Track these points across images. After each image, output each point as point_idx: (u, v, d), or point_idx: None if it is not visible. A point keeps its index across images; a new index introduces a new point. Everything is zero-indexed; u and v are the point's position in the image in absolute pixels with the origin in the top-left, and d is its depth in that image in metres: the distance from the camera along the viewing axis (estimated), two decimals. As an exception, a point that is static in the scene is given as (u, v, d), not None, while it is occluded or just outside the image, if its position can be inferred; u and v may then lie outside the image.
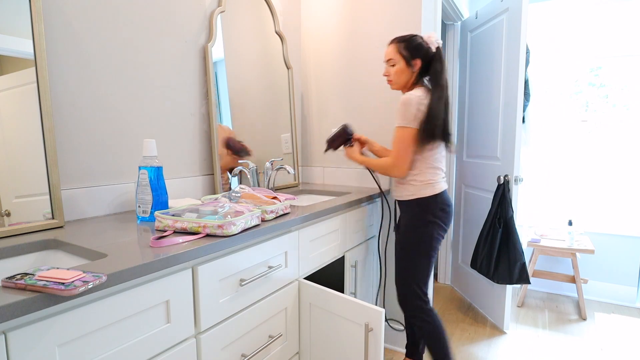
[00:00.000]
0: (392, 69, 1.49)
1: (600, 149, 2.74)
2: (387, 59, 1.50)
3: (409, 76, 1.48)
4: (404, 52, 1.46)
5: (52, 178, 1.03)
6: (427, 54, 1.45)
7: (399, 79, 1.49)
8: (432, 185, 1.47)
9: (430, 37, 1.46)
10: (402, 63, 1.46)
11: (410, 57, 1.45)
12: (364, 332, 1.10)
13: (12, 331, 0.58)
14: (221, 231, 0.93)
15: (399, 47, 1.46)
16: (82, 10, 1.14)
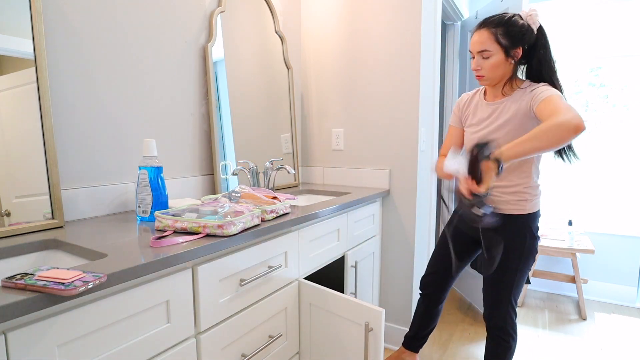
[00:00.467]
0: (485, 62, 1.21)
1: (600, 149, 2.74)
2: (480, 49, 1.21)
3: (507, 69, 1.22)
4: (504, 40, 1.18)
5: (52, 178, 1.03)
6: (530, 39, 1.19)
7: (494, 73, 1.22)
8: (539, 196, 1.31)
9: (532, 15, 1.19)
10: (501, 54, 1.19)
11: (511, 45, 1.18)
12: (363, 332, 1.10)
13: (12, 331, 0.58)
14: (221, 231, 0.93)
15: (496, 33, 1.18)
16: (82, 10, 1.14)
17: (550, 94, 1.11)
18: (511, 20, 1.19)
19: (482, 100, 1.34)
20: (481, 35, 1.21)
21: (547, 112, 1.07)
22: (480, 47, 1.21)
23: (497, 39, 1.19)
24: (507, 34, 1.18)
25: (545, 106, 1.10)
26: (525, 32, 1.18)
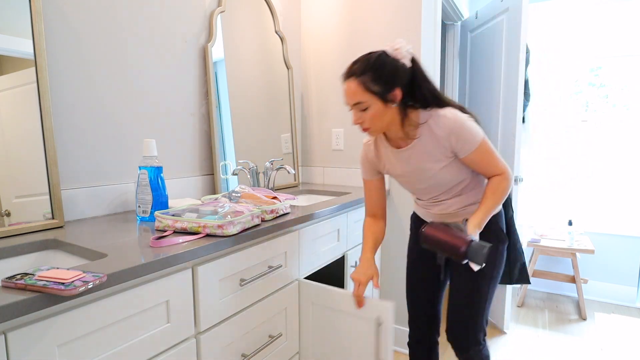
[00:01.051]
0: (365, 114, 1.04)
1: (600, 148, 2.74)
2: (354, 102, 1.03)
3: (393, 114, 1.06)
4: (375, 86, 1.01)
5: (52, 178, 1.03)
6: (405, 76, 1.03)
7: (378, 123, 1.06)
8: None
9: (397, 47, 1.04)
10: (378, 103, 1.02)
11: (385, 90, 1.01)
12: (374, 327, 1.09)
13: (12, 331, 0.58)
14: (221, 231, 0.93)
15: (365, 82, 1.01)
16: (82, 10, 1.14)
17: (477, 143, 1.05)
18: (378, 62, 1.02)
19: (390, 149, 1.17)
20: (350, 86, 1.03)
21: (483, 166, 1.09)
22: (353, 100, 1.04)
23: (367, 87, 1.01)
24: (377, 79, 1.01)
25: (478, 158, 1.07)
26: (397, 71, 1.03)
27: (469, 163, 1.10)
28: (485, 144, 1.07)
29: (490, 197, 1.09)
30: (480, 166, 1.09)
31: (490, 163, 1.09)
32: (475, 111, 2.52)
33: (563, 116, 2.82)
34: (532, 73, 2.80)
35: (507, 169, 1.10)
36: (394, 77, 1.03)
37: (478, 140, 1.05)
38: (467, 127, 1.04)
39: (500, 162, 1.09)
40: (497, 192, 1.10)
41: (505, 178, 1.10)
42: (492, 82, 2.27)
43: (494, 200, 1.09)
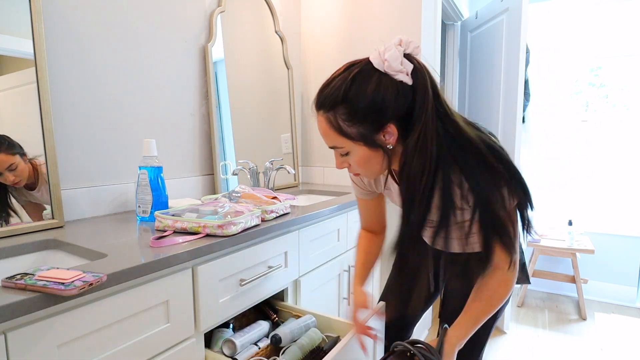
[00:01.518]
0: (348, 159, 0.77)
1: (600, 148, 2.73)
2: (330, 145, 0.77)
3: (384, 161, 0.75)
4: (352, 128, 0.71)
5: (52, 178, 1.03)
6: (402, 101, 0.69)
7: (370, 168, 0.77)
8: None
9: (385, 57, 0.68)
10: (361, 149, 0.73)
11: (369, 132, 0.70)
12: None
13: (12, 331, 0.58)
14: (221, 231, 0.93)
15: (335, 120, 0.72)
16: (82, 10, 1.14)
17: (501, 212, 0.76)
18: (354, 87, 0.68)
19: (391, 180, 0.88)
20: (321, 124, 0.75)
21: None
22: (328, 142, 0.77)
23: (339, 130, 0.71)
24: (353, 116, 0.69)
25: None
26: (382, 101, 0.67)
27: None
28: (512, 216, 0.78)
29: (485, 303, 0.80)
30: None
31: (499, 260, 0.78)
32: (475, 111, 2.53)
33: (563, 116, 2.82)
34: (532, 73, 2.80)
35: (516, 264, 0.79)
36: (380, 110, 0.68)
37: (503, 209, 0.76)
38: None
39: (514, 245, 0.78)
40: (495, 297, 0.80)
41: (512, 277, 0.79)
42: (492, 82, 2.27)
43: (487, 308, 0.80)
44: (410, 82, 0.68)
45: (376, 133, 0.70)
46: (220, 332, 1.02)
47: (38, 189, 1.02)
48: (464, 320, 0.82)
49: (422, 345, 0.80)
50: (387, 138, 0.71)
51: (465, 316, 0.82)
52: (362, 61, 0.71)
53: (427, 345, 0.80)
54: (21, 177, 0.99)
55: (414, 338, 0.83)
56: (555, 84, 2.81)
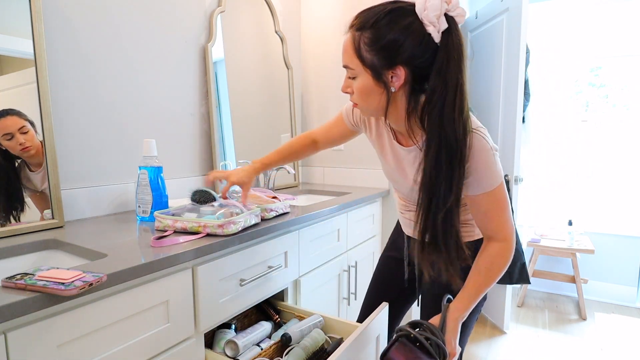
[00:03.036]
0: (353, 83, 0.79)
1: (600, 148, 2.74)
2: (343, 62, 0.79)
3: (387, 99, 0.75)
4: (369, 54, 0.73)
5: (52, 178, 1.03)
6: (421, 52, 0.70)
7: (366, 102, 0.79)
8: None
9: (428, 5, 0.68)
10: (367, 77, 0.75)
11: (381, 63, 0.72)
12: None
13: (12, 331, 0.58)
14: (221, 230, 0.93)
15: (359, 41, 0.74)
16: (82, 10, 1.14)
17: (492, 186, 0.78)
18: (388, 19, 0.70)
19: (389, 134, 0.91)
20: (346, 41, 0.77)
21: (487, 218, 0.82)
22: (343, 59, 0.78)
23: (358, 50, 0.74)
24: (374, 43, 0.71)
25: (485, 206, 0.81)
26: (405, 42, 0.69)
27: (470, 205, 0.84)
28: (501, 191, 0.80)
29: (484, 275, 0.82)
30: (483, 217, 0.83)
31: (497, 218, 0.81)
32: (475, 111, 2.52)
33: (563, 116, 2.82)
34: (532, 73, 2.80)
35: (513, 235, 0.82)
36: (399, 49, 0.70)
37: (495, 183, 0.78)
38: (492, 165, 0.77)
39: (509, 221, 0.82)
40: (494, 269, 0.82)
41: (508, 248, 0.82)
42: (492, 82, 2.27)
43: (487, 280, 0.83)
44: (437, 40, 0.69)
45: (386, 69, 0.72)
46: (222, 332, 1.02)
47: (42, 168, 1.02)
48: (466, 293, 0.83)
49: (425, 326, 0.80)
50: (394, 80, 0.73)
51: (466, 289, 0.84)
52: (408, 3, 0.73)
53: (429, 326, 0.80)
54: (32, 143, 1.00)
55: (415, 320, 0.83)
56: (555, 84, 2.81)
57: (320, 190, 1.89)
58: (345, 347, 0.83)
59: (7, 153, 0.97)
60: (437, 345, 0.78)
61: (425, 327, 0.80)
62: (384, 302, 1.05)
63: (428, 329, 0.80)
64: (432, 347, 0.77)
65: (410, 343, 0.78)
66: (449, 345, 0.81)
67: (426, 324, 0.81)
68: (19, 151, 0.99)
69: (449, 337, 0.81)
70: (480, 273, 0.83)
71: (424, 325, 0.81)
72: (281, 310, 1.20)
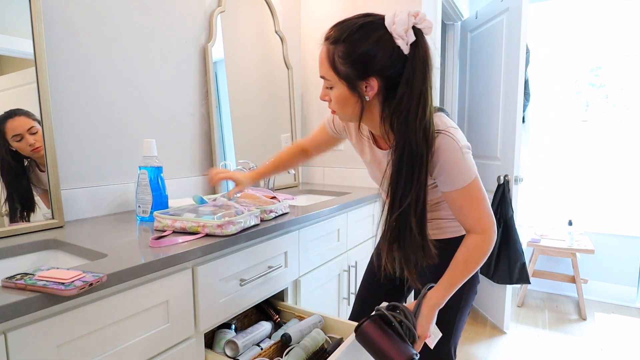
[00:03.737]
0: (330, 92, 0.83)
1: (601, 148, 2.74)
2: (320, 73, 0.83)
3: (362, 107, 0.81)
4: (343, 66, 0.77)
5: (52, 178, 1.03)
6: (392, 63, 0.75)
7: (343, 110, 0.83)
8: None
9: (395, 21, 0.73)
10: (343, 87, 0.79)
11: (355, 75, 0.77)
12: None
13: (12, 331, 0.58)
14: (220, 231, 0.93)
15: (333, 54, 0.79)
16: (82, 10, 1.14)
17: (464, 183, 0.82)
18: (359, 33, 0.75)
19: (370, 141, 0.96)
20: (322, 53, 0.81)
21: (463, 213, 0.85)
22: (320, 71, 0.82)
23: (333, 63, 0.78)
24: (348, 56, 0.76)
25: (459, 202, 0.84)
26: (376, 54, 0.74)
27: (446, 201, 0.88)
28: (475, 187, 0.83)
29: (461, 266, 0.86)
30: (460, 211, 0.86)
31: (473, 212, 0.84)
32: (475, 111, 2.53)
33: (563, 116, 2.82)
34: (532, 73, 2.80)
35: (491, 227, 0.85)
36: (371, 62, 0.74)
37: (467, 179, 0.82)
38: (461, 163, 0.80)
39: (487, 214, 0.84)
40: (471, 261, 0.85)
41: (486, 240, 0.84)
42: (492, 82, 2.27)
43: (464, 271, 0.86)
44: (406, 52, 0.74)
45: (360, 80, 0.78)
46: (222, 332, 1.02)
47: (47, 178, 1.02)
48: (443, 282, 0.87)
49: (400, 309, 0.85)
50: (367, 90, 0.78)
51: (444, 278, 0.87)
52: (379, 16, 0.78)
53: (403, 309, 0.85)
54: (41, 143, 1.01)
55: (393, 302, 0.87)
56: (555, 84, 2.81)
57: (320, 190, 1.89)
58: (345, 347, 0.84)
59: (17, 154, 0.98)
60: (407, 328, 0.83)
61: (400, 310, 0.85)
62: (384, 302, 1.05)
63: (402, 312, 0.85)
64: (402, 329, 0.83)
65: (383, 323, 0.83)
66: (420, 328, 0.86)
67: (401, 307, 0.85)
68: (29, 152, 0.99)
69: (421, 321, 0.86)
70: (457, 264, 0.87)
71: (399, 308, 0.86)
72: (281, 310, 1.20)
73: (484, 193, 0.85)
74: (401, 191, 0.80)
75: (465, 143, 0.82)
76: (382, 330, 0.81)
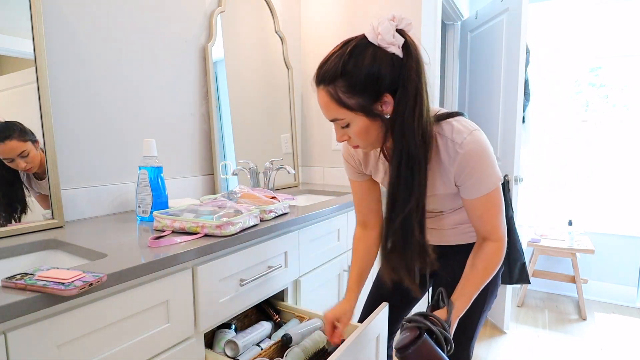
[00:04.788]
0: (348, 131, 0.80)
1: (600, 148, 2.74)
2: (330, 118, 0.80)
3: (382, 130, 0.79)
4: (352, 100, 0.74)
5: (52, 178, 1.03)
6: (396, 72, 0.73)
7: (368, 139, 0.80)
8: None
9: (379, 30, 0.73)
10: (361, 119, 0.76)
11: (367, 102, 0.74)
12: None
13: (12, 331, 0.58)
14: (219, 231, 0.93)
15: (336, 93, 0.75)
16: (81, 10, 1.14)
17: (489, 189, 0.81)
18: (352, 61, 0.73)
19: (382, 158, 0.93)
20: (321, 97, 0.78)
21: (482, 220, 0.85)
22: (328, 116, 0.79)
23: (340, 101, 0.75)
24: (352, 88, 0.73)
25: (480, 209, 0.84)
26: (380, 71, 0.72)
27: (466, 208, 0.87)
28: (497, 193, 0.82)
29: (482, 273, 0.86)
30: (480, 219, 0.85)
31: (492, 220, 0.84)
32: (475, 111, 2.53)
33: (563, 116, 2.82)
34: (532, 73, 2.80)
35: (505, 234, 0.87)
36: (377, 81, 0.72)
37: (492, 186, 0.81)
38: (490, 167, 0.79)
39: (503, 223, 0.85)
40: (490, 268, 0.86)
41: (502, 247, 0.86)
42: (492, 82, 2.27)
43: (485, 278, 0.87)
44: (401, 55, 0.73)
45: (374, 103, 0.75)
46: (222, 332, 1.02)
47: (47, 179, 1.03)
48: (467, 290, 0.86)
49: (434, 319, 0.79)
50: (384, 108, 0.76)
51: (466, 287, 0.86)
52: (358, 37, 0.76)
53: (440, 321, 0.80)
54: (32, 164, 1.01)
55: (423, 311, 0.82)
56: (555, 84, 2.81)
57: (320, 190, 1.89)
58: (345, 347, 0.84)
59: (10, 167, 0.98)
60: (445, 339, 0.78)
61: (435, 321, 0.79)
62: (384, 303, 1.05)
63: (439, 323, 0.79)
64: (444, 342, 0.77)
65: (429, 339, 0.76)
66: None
67: (433, 317, 0.80)
68: (23, 170, 1.00)
69: (451, 332, 0.83)
70: (478, 272, 0.86)
71: (432, 317, 0.80)
72: (281, 310, 1.20)
73: (503, 199, 0.84)
74: (402, 196, 0.78)
75: (490, 146, 0.80)
76: (432, 352, 0.74)
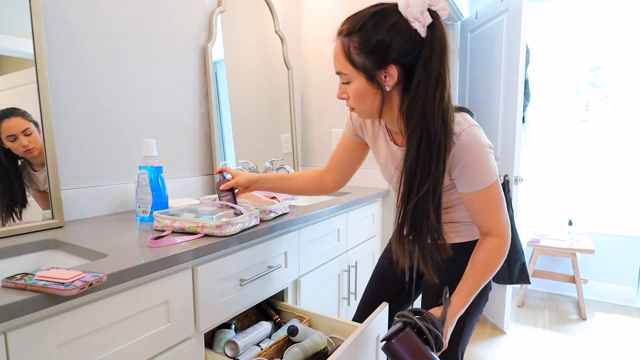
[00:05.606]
0: (347, 88, 0.81)
1: (600, 149, 2.74)
2: (336, 69, 0.81)
3: (383, 99, 0.78)
4: (359, 57, 0.76)
5: (52, 178, 1.03)
6: (410, 48, 0.73)
7: (362, 105, 0.81)
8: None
9: (411, 3, 0.71)
10: (360, 79, 0.77)
11: (373, 65, 0.75)
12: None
13: (12, 331, 0.58)
14: (219, 231, 0.93)
15: (348, 46, 0.77)
16: (82, 10, 1.14)
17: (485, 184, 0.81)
18: (374, 20, 0.73)
19: (383, 134, 0.94)
20: (336, 48, 0.79)
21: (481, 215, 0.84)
22: (336, 67, 0.80)
23: (348, 55, 0.76)
24: (363, 46, 0.74)
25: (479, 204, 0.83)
26: (393, 40, 0.72)
27: (464, 202, 0.86)
28: (495, 188, 0.82)
29: (481, 270, 0.84)
30: (478, 214, 0.84)
31: (491, 215, 0.83)
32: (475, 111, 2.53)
33: (563, 116, 2.82)
34: (532, 73, 2.80)
35: (508, 231, 0.84)
36: (387, 49, 0.72)
37: (488, 181, 0.81)
38: (485, 161, 0.79)
39: (505, 218, 0.84)
40: (491, 264, 0.84)
41: (504, 243, 0.84)
42: (492, 82, 2.27)
43: (485, 275, 0.85)
44: (423, 35, 0.72)
45: (378, 69, 0.75)
46: (222, 332, 1.02)
47: (45, 168, 1.03)
48: (466, 287, 0.85)
49: (425, 316, 0.80)
50: (387, 79, 0.76)
51: (465, 284, 0.85)
52: (391, 4, 0.75)
53: (430, 317, 0.80)
54: (35, 145, 1.01)
55: (416, 308, 0.83)
56: (555, 84, 2.81)
57: (320, 190, 1.88)
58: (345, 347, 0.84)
59: (9, 152, 0.97)
60: (435, 337, 0.78)
61: (426, 317, 0.80)
62: (384, 302, 1.05)
63: (429, 320, 0.80)
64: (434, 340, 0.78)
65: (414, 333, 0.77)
66: (445, 338, 0.82)
67: (426, 314, 0.81)
68: (22, 152, 0.99)
69: (446, 330, 0.83)
70: (477, 268, 0.85)
71: (424, 314, 0.80)
72: (281, 310, 1.20)
73: (503, 195, 0.84)
74: (418, 179, 0.77)
75: (488, 142, 0.80)
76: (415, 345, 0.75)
